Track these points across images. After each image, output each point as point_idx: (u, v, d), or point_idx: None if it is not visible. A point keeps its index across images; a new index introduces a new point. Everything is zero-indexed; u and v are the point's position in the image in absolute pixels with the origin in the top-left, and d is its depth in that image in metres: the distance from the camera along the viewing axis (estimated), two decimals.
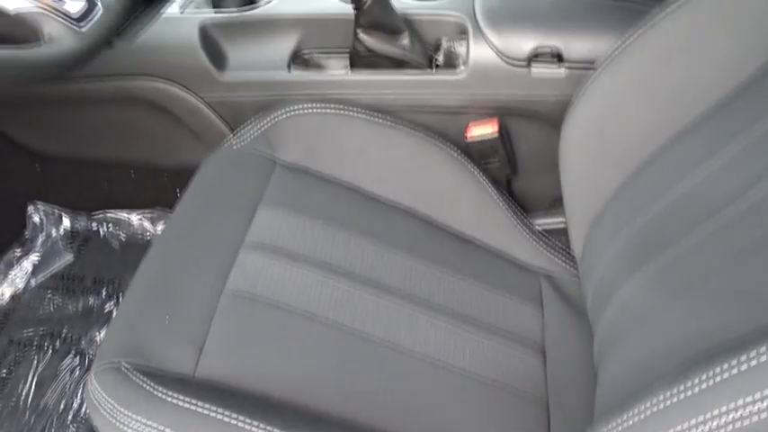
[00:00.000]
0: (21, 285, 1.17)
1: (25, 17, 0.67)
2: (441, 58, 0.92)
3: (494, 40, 0.89)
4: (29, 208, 1.25)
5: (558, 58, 0.87)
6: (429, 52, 0.93)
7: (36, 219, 1.24)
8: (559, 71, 0.88)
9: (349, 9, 0.89)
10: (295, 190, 0.86)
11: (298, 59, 1.00)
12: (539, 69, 0.88)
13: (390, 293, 0.78)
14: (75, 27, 0.71)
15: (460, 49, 0.92)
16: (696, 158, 0.65)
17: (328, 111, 0.92)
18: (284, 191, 0.85)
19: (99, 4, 0.75)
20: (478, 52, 0.89)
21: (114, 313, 1.13)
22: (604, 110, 0.76)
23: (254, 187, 0.85)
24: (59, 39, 0.69)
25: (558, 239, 0.92)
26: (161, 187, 1.23)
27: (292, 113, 0.92)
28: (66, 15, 0.70)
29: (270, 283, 0.74)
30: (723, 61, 0.67)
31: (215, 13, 1.02)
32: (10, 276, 1.18)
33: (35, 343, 1.11)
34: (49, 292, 1.18)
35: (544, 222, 0.94)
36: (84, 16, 0.72)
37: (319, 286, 0.76)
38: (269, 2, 1.02)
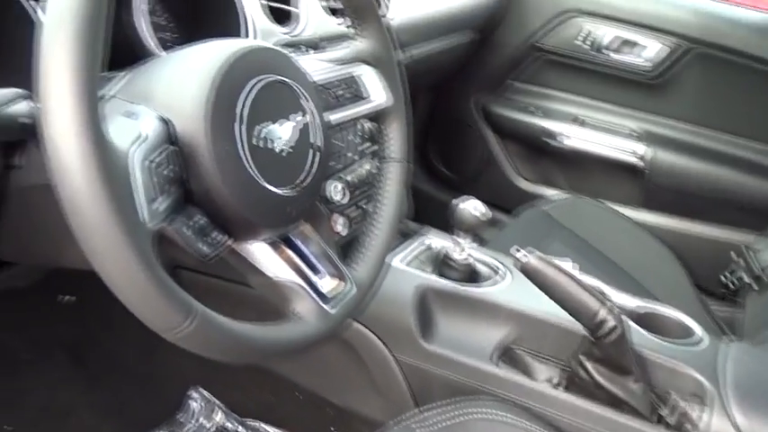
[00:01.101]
0: None
1: (280, 287, 0.62)
2: (670, 419, 0.81)
3: (740, 422, 0.76)
4: (191, 392, 1.24)
5: None
6: (655, 403, 0.82)
7: (194, 405, 1.22)
8: None
9: (573, 321, 0.82)
10: None
11: (506, 354, 0.93)
12: None
13: None
14: (324, 307, 0.63)
15: (694, 413, 0.80)
16: None
17: (528, 428, 0.83)
18: None
19: (352, 284, 0.67)
20: (717, 428, 0.77)
21: None
22: None
23: None
24: (306, 318, 0.62)
25: None
26: (320, 419, 1.17)
27: (486, 416, 0.84)
28: (320, 293, 0.63)
29: None
30: None
31: (438, 277, 1.01)
32: None
33: None
34: None
35: None
36: (335, 296, 0.65)
37: None
38: (493, 284, 0.99)
